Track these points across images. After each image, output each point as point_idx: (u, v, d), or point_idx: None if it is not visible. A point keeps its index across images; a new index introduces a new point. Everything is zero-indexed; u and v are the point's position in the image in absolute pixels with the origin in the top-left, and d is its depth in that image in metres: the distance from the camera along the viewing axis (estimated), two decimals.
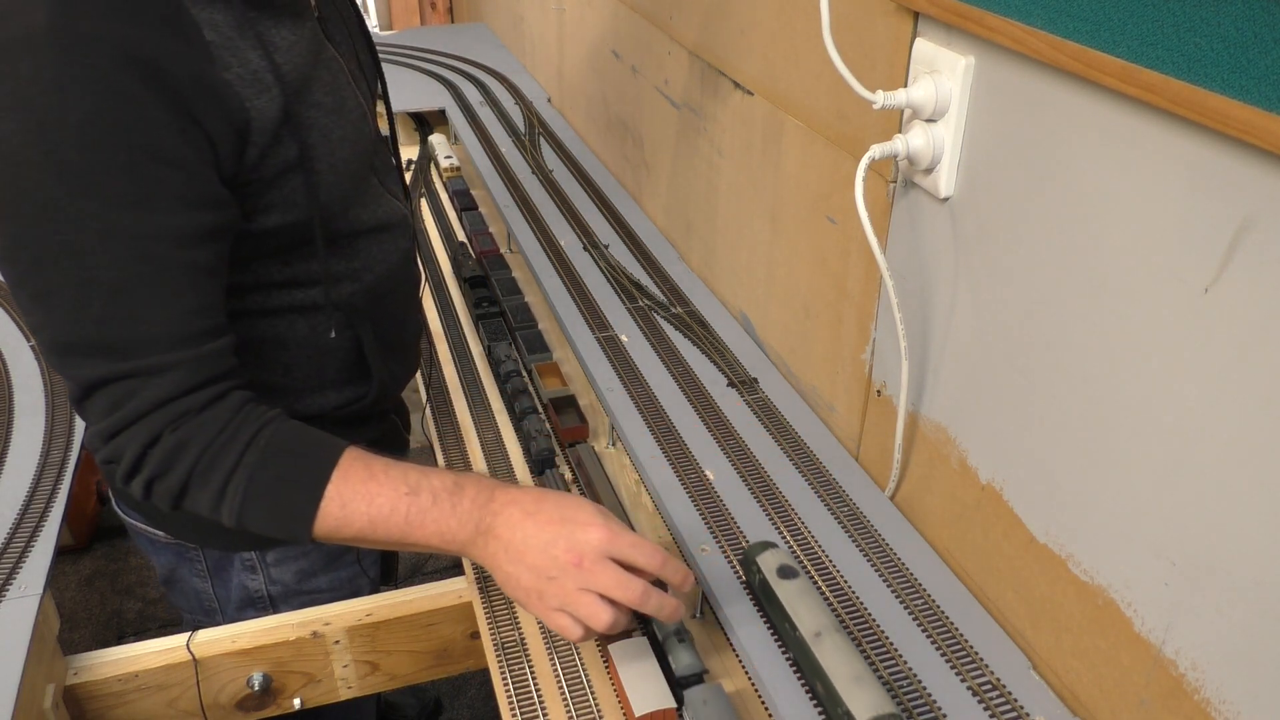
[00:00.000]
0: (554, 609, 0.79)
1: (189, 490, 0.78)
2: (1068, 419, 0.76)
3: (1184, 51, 0.58)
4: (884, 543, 0.97)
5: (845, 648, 0.79)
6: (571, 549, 0.78)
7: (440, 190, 1.98)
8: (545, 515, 0.80)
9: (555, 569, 0.78)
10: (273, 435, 0.80)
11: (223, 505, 0.79)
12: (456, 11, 3.58)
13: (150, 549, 1.08)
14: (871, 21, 0.93)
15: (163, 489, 0.78)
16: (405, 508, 0.80)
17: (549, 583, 0.78)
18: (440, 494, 0.81)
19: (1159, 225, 0.65)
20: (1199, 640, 0.67)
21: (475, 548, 0.81)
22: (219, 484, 0.78)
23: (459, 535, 0.81)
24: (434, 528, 0.81)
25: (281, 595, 1.08)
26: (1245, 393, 0.60)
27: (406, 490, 0.80)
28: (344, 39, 0.95)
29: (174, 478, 0.78)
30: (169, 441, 0.77)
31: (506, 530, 0.80)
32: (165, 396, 0.76)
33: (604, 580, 0.78)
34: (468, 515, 0.81)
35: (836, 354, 1.11)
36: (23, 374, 1.32)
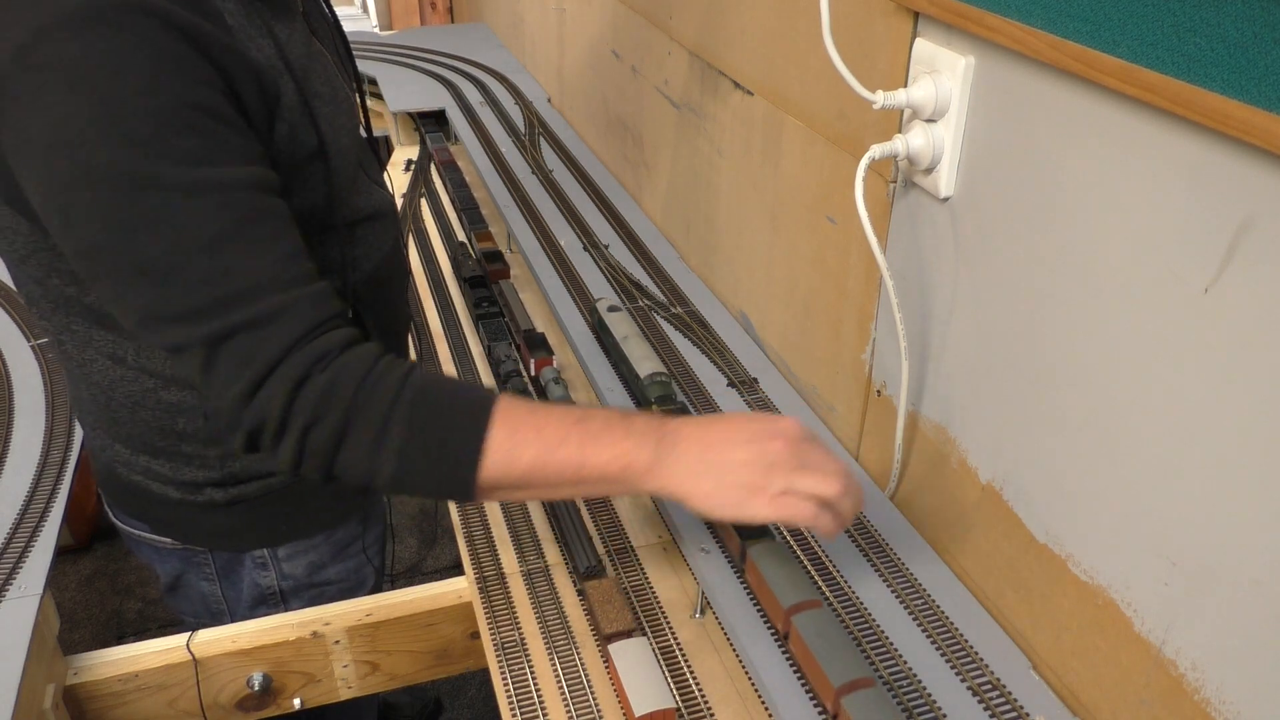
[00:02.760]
0: (781, 494, 0.75)
1: (347, 436, 0.73)
2: (1068, 419, 0.76)
3: (1184, 51, 0.58)
4: (884, 543, 0.97)
5: (646, 349, 1.20)
6: (776, 434, 0.75)
7: (440, 190, 1.97)
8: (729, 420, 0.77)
9: (769, 456, 0.75)
10: (423, 377, 0.76)
11: (382, 453, 0.73)
12: (456, 11, 3.58)
13: (155, 557, 1.07)
14: (871, 21, 0.93)
15: (319, 438, 0.73)
16: (578, 434, 0.75)
17: (769, 470, 0.74)
18: (611, 419, 0.77)
19: (1159, 225, 0.65)
20: (1199, 640, 0.67)
21: (661, 468, 0.76)
22: (379, 425, 0.73)
23: (639, 457, 0.76)
24: (610, 452, 0.75)
25: (292, 590, 1.08)
26: (1245, 393, 0.60)
27: (575, 419, 0.76)
28: (325, 34, 0.97)
29: (331, 420, 0.72)
30: (320, 381, 0.72)
31: (696, 438, 0.76)
32: (296, 335, 0.73)
33: (815, 460, 0.76)
34: (644, 434, 0.76)
35: (836, 354, 1.11)
36: (23, 374, 1.32)
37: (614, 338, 1.22)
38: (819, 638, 0.79)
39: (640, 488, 0.78)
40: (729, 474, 0.76)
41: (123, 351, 0.88)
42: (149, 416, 0.92)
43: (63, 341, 0.91)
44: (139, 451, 0.95)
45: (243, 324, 0.72)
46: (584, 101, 2.05)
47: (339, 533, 1.09)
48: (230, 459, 0.96)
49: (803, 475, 0.76)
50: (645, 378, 1.15)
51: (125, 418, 0.93)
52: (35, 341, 1.39)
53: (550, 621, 0.93)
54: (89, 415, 0.97)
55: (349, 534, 1.10)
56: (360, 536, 1.12)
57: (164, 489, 0.97)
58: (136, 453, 0.95)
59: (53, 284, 0.85)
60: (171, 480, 0.96)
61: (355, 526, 1.11)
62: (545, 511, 1.07)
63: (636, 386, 1.17)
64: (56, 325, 0.89)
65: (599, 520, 1.06)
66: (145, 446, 0.95)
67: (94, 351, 0.89)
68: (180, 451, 0.95)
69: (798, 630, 0.80)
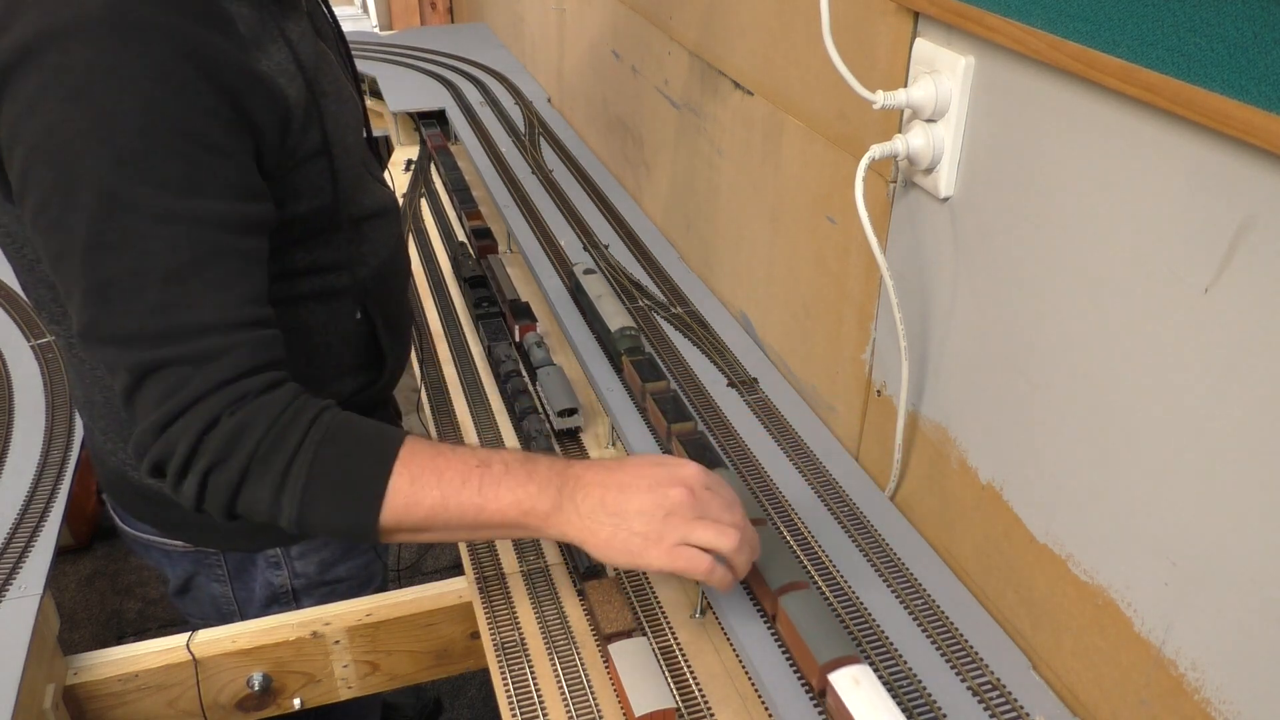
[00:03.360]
0: (676, 545, 0.75)
1: (248, 480, 0.74)
2: (1068, 419, 0.76)
3: (1184, 51, 0.58)
4: (884, 543, 0.97)
5: (618, 306, 1.30)
6: (676, 480, 0.76)
7: (440, 190, 1.97)
8: (633, 465, 0.77)
9: (668, 504, 0.75)
10: (333, 419, 0.76)
11: (284, 495, 0.74)
12: (456, 11, 3.58)
13: (164, 561, 1.06)
14: (871, 21, 0.93)
15: (220, 481, 0.74)
16: (478, 479, 0.75)
17: (666, 520, 0.75)
18: (512, 464, 0.77)
19: (1159, 225, 0.65)
20: (1199, 640, 0.67)
21: (561, 514, 0.76)
22: (280, 468, 0.74)
23: (540, 503, 0.76)
24: (510, 498, 0.76)
25: (304, 588, 1.08)
26: (1245, 393, 0.60)
27: (477, 463, 0.76)
28: (328, 34, 0.98)
29: (233, 465, 0.73)
30: (228, 425, 0.73)
31: (597, 484, 0.76)
32: (222, 380, 0.73)
33: (713, 507, 0.76)
34: (546, 480, 0.77)
35: (836, 354, 1.11)
36: (23, 374, 1.32)
37: (589, 297, 1.34)
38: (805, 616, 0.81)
39: (540, 533, 0.79)
40: (626, 523, 0.75)
41: None
42: None
43: (73, 345, 0.91)
44: None
45: (174, 359, 0.72)
46: (584, 101, 2.05)
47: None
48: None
49: (699, 527, 0.76)
50: (615, 332, 1.25)
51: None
52: (35, 341, 1.39)
53: (550, 621, 0.93)
54: (100, 420, 0.96)
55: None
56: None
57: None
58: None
59: (50, 282, 0.85)
60: None
61: None
62: None
63: (608, 340, 1.26)
64: (67, 329, 0.89)
65: None
66: None
67: None
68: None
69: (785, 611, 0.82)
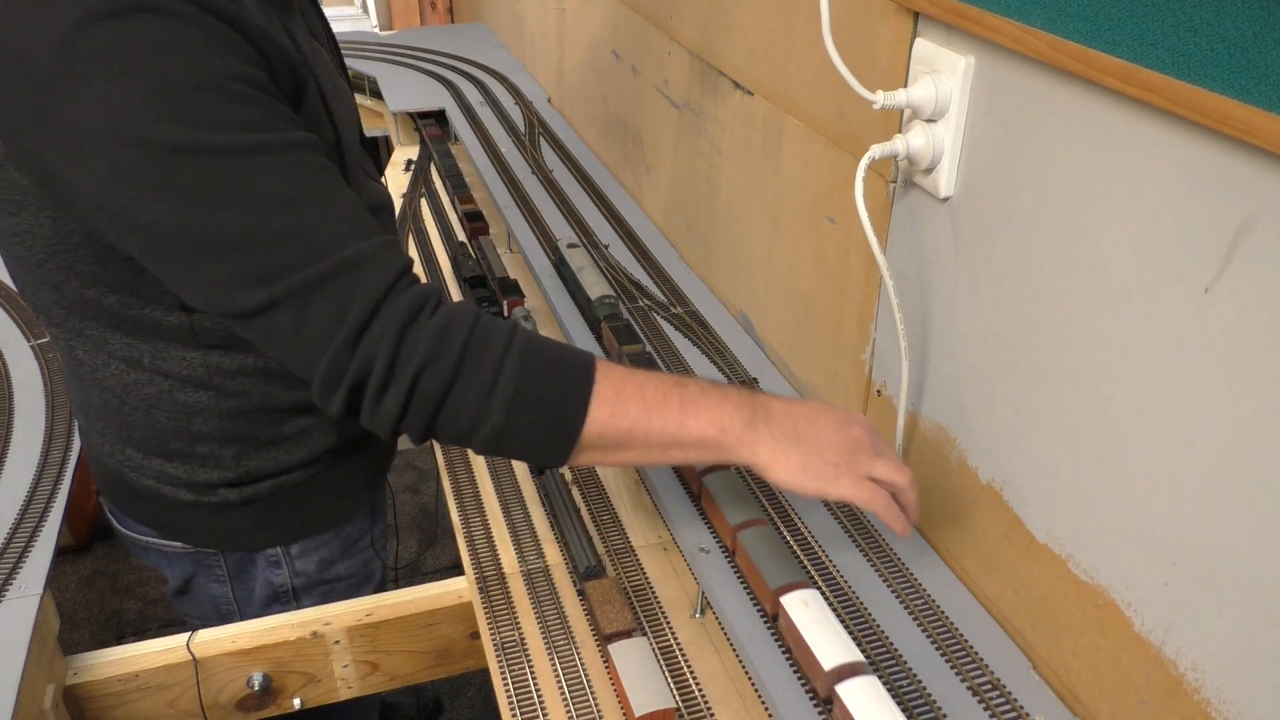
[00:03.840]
0: (862, 477, 0.81)
1: (457, 381, 0.72)
2: (1068, 419, 0.76)
3: (1184, 51, 0.58)
4: (884, 543, 0.97)
5: (598, 276, 1.38)
6: (856, 421, 0.82)
7: (440, 190, 1.97)
8: (812, 403, 0.83)
9: (852, 444, 0.80)
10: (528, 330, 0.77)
11: (493, 400, 0.72)
12: (456, 11, 3.58)
13: (163, 562, 1.06)
14: (871, 21, 0.93)
15: (429, 383, 0.72)
16: (678, 396, 0.77)
17: (853, 454, 0.80)
18: (705, 386, 0.80)
19: (1159, 225, 0.65)
20: (1199, 640, 0.67)
21: (755, 434, 0.79)
22: (490, 372, 0.72)
23: (734, 423, 0.78)
24: (709, 415, 0.78)
25: (304, 587, 1.08)
26: (1245, 393, 0.60)
27: (675, 382, 0.79)
28: (320, 33, 0.98)
29: (444, 364, 0.71)
30: (431, 324, 0.72)
31: (788, 414, 0.80)
32: (390, 279, 0.72)
33: (888, 449, 0.83)
34: (740, 402, 0.80)
35: (836, 354, 1.11)
36: (23, 374, 1.32)
37: (570, 269, 1.41)
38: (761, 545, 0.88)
39: (731, 453, 0.80)
40: (817, 452, 0.80)
41: (138, 354, 0.88)
42: (164, 419, 0.92)
43: (74, 347, 0.90)
44: (152, 455, 0.95)
45: (326, 274, 0.71)
46: (584, 101, 2.05)
47: (348, 528, 1.09)
48: (245, 457, 0.96)
49: (881, 463, 0.82)
50: (595, 300, 1.32)
51: (139, 421, 0.93)
52: (35, 341, 1.39)
53: (550, 621, 0.93)
54: (98, 421, 0.96)
55: (357, 529, 1.11)
56: (368, 531, 1.13)
57: (176, 492, 0.97)
58: (149, 456, 0.95)
59: (70, 287, 0.84)
60: (185, 483, 0.96)
61: (363, 522, 1.12)
62: (545, 511, 1.07)
63: (589, 308, 1.34)
64: (68, 331, 0.89)
65: (599, 520, 1.06)
66: (159, 450, 0.95)
67: (107, 355, 0.89)
68: (195, 453, 0.95)
69: (742, 545, 0.89)
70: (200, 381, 0.90)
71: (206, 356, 0.89)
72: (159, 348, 0.88)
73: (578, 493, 1.10)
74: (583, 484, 1.11)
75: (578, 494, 1.10)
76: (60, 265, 0.83)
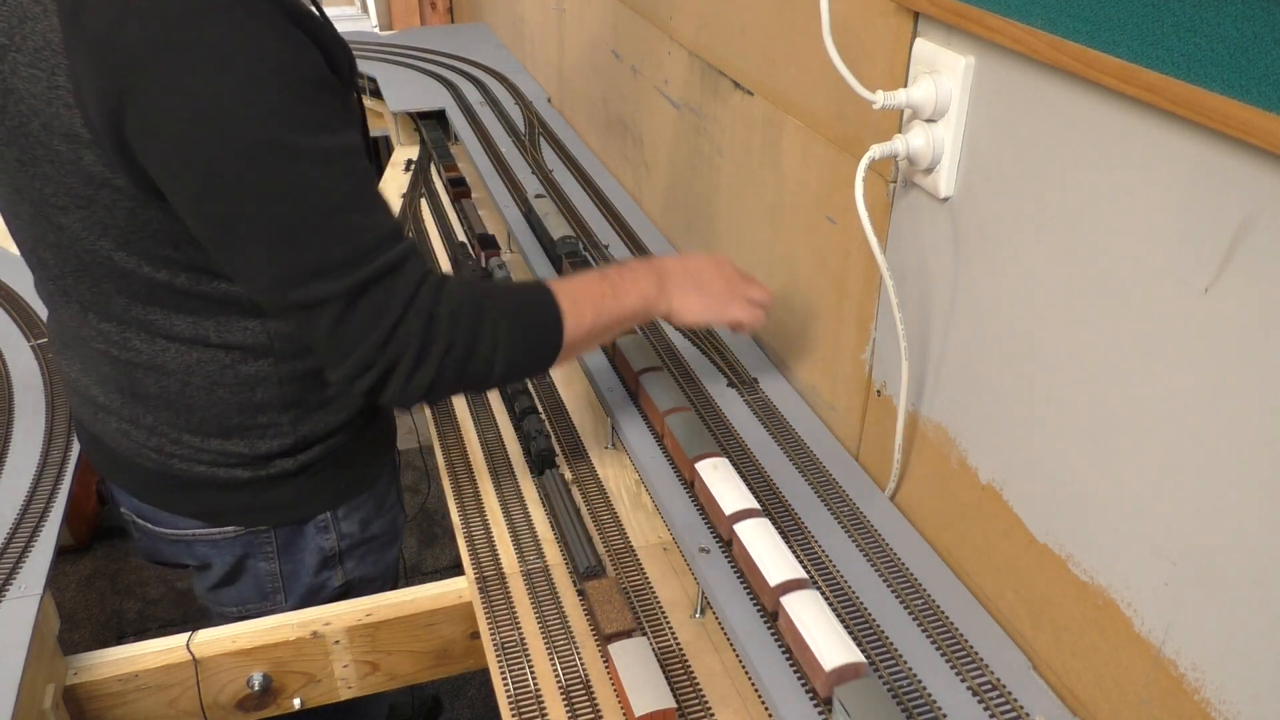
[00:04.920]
0: (745, 302, 1.04)
1: (472, 351, 0.85)
2: (1068, 419, 0.77)
3: (1184, 51, 0.58)
4: (884, 543, 0.97)
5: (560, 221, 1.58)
6: (726, 262, 1.06)
7: (440, 190, 1.97)
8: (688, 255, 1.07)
9: (728, 278, 1.03)
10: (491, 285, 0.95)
11: (498, 352, 0.87)
12: (456, 11, 3.58)
13: (211, 552, 1.06)
14: (871, 21, 0.93)
15: (452, 361, 0.84)
16: (610, 288, 0.95)
17: (734, 285, 1.04)
18: (621, 270, 0.98)
19: (1159, 225, 0.65)
20: (1199, 640, 0.67)
21: (665, 294, 0.99)
22: (490, 333, 0.86)
23: (650, 289, 0.98)
24: (635, 292, 0.97)
25: (348, 548, 1.11)
26: (1245, 392, 0.60)
27: (599, 276, 0.96)
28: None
29: (460, 345, 0.84)
30: (443, 314, 0.84)
31: (680, 270, 1.01)
32: (416, 281, 0.83)
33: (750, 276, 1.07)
34: (647, 272, 0.99)
35: (836, 354, 1.11)
36: (23, 374, 1.32)
37: (537, 215, 1.61)
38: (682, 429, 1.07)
39: (653, 314, 1.00)
40: (709, 291, 1.02)
41: (204, 331, 0.91)
42: (227, 394, 0.95)
43: (129, 339, 0.92)
44: (211, 436, 0.97)
45: (378, 273, 0.80)
46: (584, 101, 2.05)
47: (379, 487, 1.13)
48: (302, 422, 0.99)
49: (752, 286, 1.06)
50: (557, 240, 1.52)
51: (201, 402, 0.95)
52: (35, 341, 1.39)
53: (550, 621, 0.93)
54: (149, 415, 0.96)
55: (385, 486, 1.15)
56: (393, 487, 1.18)
57: (232, 472, 0.99)
58: (209, 438, 0.97)
59: (142, 273, 0.86)
60: (245, 459, 0.98)
61: (389, 479, 1.16)
62: (545, 511, 1.07)
63: (551, 248, 1.53)
64: (126, 320, 0.91)
65: (599, 520, 1.06)
66: (219, 428, 0.96)
67: (168, 340, 0.91)
68: (256, 424, 0.97)
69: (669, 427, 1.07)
70: (263, 349, 0.94)
71: (266, 324, 0.93)
72: (223, 321, 0.91)
73: (578, 493, 1.10)
74: (583, 484, 1.11)
75: (578, 494, 1.10)
76: (133, 250, 0.85)
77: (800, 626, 0.81)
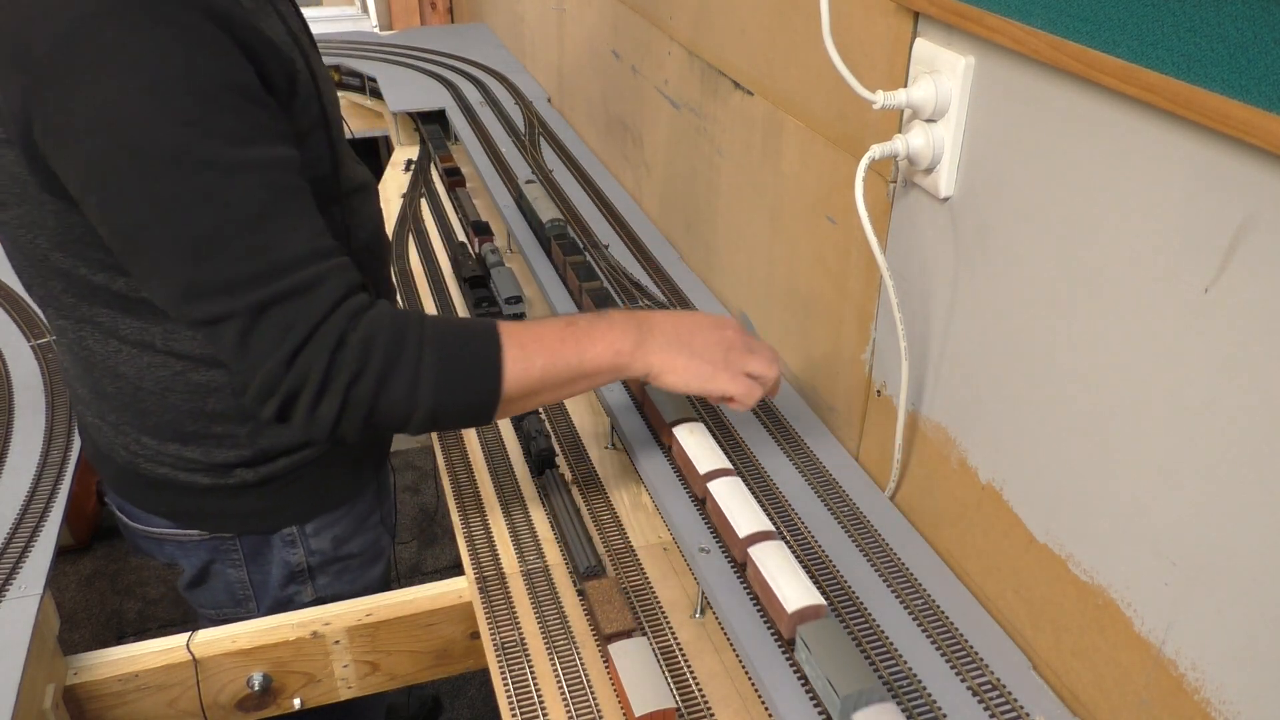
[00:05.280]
0: (739, 374, 0.91)
1: (386, 382, 0.80)
2: (1068, 419, 0.77)
3: (1184, 51, 0.58)
4: (884, 543, 0.97)
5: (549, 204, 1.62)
6: (728, 325, 0.93)
7: (440, 190, 1.97)
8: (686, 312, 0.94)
9: (726, 344, 0.91)
10: (433, 316, 0.84)
11: (419, 390, 0.80)
12: (456, 11, 3.58)
13: (179, 553, 1.07)
14: (871, 21, 0.93)
15: (361, 392, 0.79)
16: (573, 336, 0.86)
17: (729, 353, 0.91)
18: (593, 319, 0.89)
19: (1159, 225, 0.65)
20: (1199, 640, 0.67)
21: (644, 349, 0.89)
22: (412, 368, 0.80)
23: (626, 344, 0.88)
24: (603, 343, 0.87)
25: (319, 565, 1.09)
26: (1245, 393, 0.60)
27: (565, 323, 0.88)
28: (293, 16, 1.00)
29: (370, 374, 0.79)
30: (355, 340, 0.78)
31: (669, 325, 0.91)
32: (331, 302, 0.78)
33: (759, 349, 0.93)
34: (625, 324, 0.89)
35: (836, 354, 1.11)
36: (23, 374, 1.32)
37: (527, 200, 1.64)
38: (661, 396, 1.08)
39: (628, 370, 0.90)
40: (698, 355, 0.91)
41: (150, 337, 0.89)
42: (179, 400, 0.93)
43: (84, 338, 0.91)
44: (168, 440, 0.96)
45: (284, 293, 0.76)
46: (584, 101, 2.05)
47: (359, 505, 1.11)
48: (259, 435, 0.97)
49: (754, 359, 0.93)
50: (547, 222, 1.55)
51: (154, 406, 0.93)
52: (35, 341, 1.39)
53: (550, 621, 0.93)
54: (112, 413, 0.96)
55: (367, 505, 1.13)
56: (377, 508, 1.15)
57: (193, 477, 0.98)
58: (165, 442, 0.96)
59: (80, 274, 0.85)
60: (202, 466, 0.97)
61: (372, 498, 1.13)
62: (545, 511, 1.07)
63: (540, 230, 1.58)
64: (79, 320, 0.90)
65: (599, 520, 1.06)
66: (175, 434, 0.95)
67: (120, 341, 0.90)
68: (211, 433, 0.95)
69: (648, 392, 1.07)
70: (212, 360, 0.91)
71: None
72: (170, 329, 0.89)
73: (578, 493, 1.10)
74: (583, 484, 1.11)
75: (578, 494, 1.10)
76: (69, 253, 0.84)
77: (766, 574, 0.85)
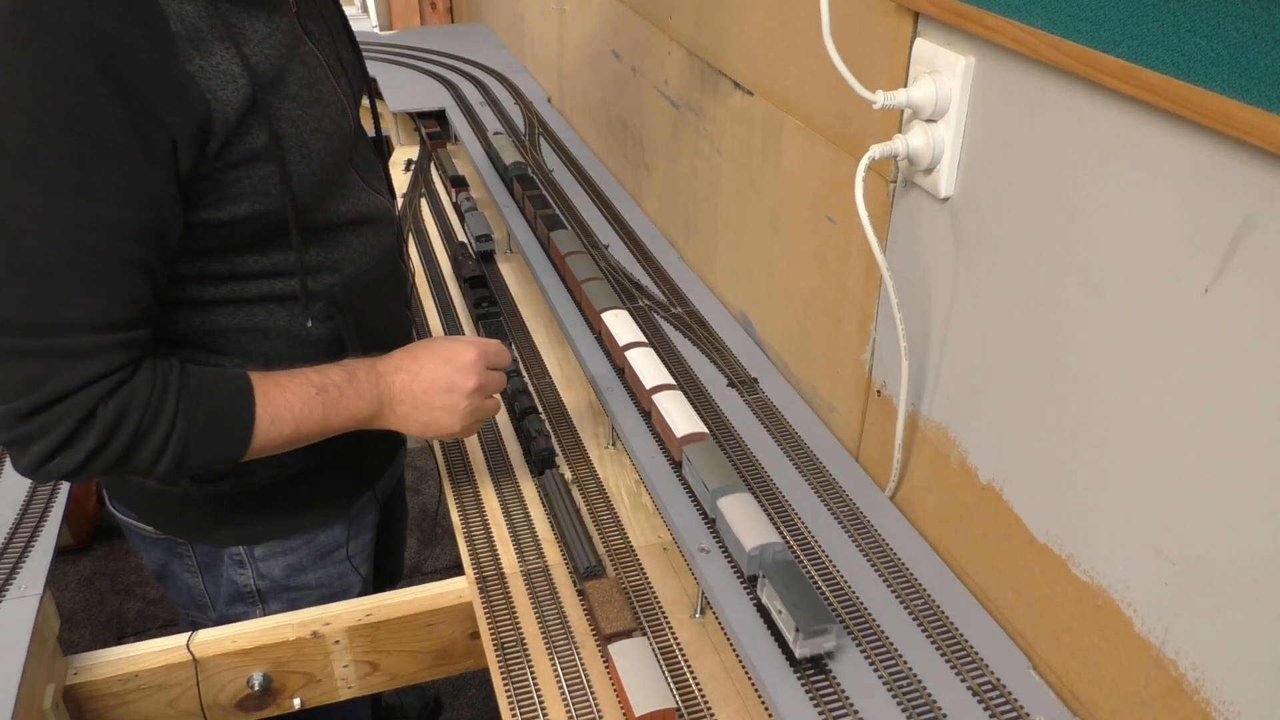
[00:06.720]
0: (468, 421, 0.97)
1: (132, 455, 0.80)
2: (1068, 419, 0.76)
3: (1184, 51, 0.58)
4: (884, 543, 0.97)
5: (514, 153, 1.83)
6: (466, 375, 0.95)
7: (440, 190, 1.97)
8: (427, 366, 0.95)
9: (461, 397, 0.95)
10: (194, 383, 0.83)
11: (163, 458, 0.81)
12: (456, 11, 3.58)
13: (141, 545, 1.08)
14: (871, 21, 0.93)
15: (102, 461, 0.79)
16: (321, 405, 0.89)
17: (465, 406, 0.95)
18: (341, 385, 0.91)
19: (1159, 225, 0.65)
20: (1199, 640, 0.67)
21: (382, 418, 0.95)
22: (161, 439, 0.80)
23: (367, 411, 0.93)
24: (346, 413, 0.91)
25: (270, 590, 1.08)
26: (1245, 393, 0.60)
27: (315, 391, 0.89)
28: (323, 35, 0.95)
29: (115, 446, 0.78)
30: (107, 413, 0.77)
31: (405, 392, 0.94)
32: (93, 376, 0.76)
33: (491, 385, 0.99)
34: (369, 394, 0.93)
35: (836, 354, 1.11)
36: None
37: (495, 150, 1.85)
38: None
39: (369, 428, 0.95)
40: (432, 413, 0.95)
41: None
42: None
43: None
44: None
45: (40, 350, 0.74)
46: (584, 101, 2.05)
47: (320, 537, 1.08)
48: None
49: (489, 406, 0.99)
50: (510, 165, 1.78)
51: None
52: None
53: (550, 621, 0.93)
54: None
55: (332, 540, 1.10)
56: (344, 544, 1.11)
57: (143, 479, 0.98)
58: None
59: None
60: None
61: (339, 533, 1.10)
62: (545, 511, 1.07)
63: (504, 173, 1.80)
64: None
65: (599, 520, 1.06)
66: None
67: None
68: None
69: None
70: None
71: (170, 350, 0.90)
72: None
73: (578, 493, 1.10)
74: (583, 484, 1.11)
75: (578, 494, 1.10)
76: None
77: (665, 415, 1.06)
